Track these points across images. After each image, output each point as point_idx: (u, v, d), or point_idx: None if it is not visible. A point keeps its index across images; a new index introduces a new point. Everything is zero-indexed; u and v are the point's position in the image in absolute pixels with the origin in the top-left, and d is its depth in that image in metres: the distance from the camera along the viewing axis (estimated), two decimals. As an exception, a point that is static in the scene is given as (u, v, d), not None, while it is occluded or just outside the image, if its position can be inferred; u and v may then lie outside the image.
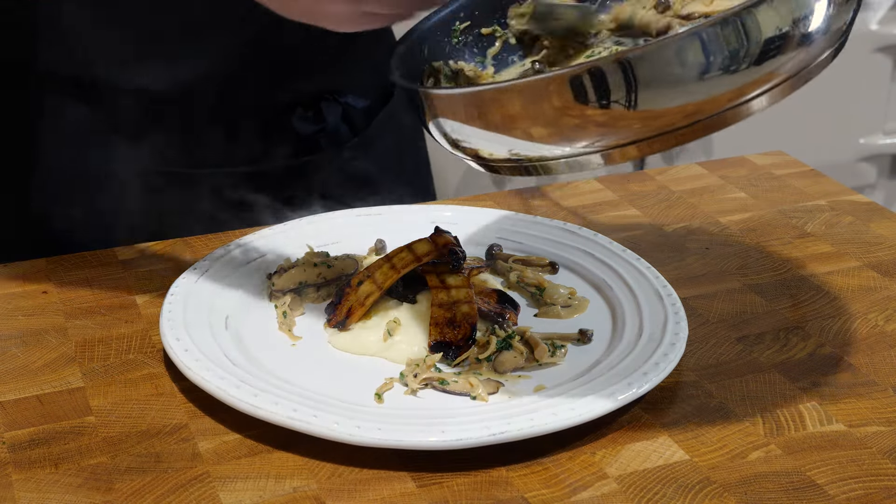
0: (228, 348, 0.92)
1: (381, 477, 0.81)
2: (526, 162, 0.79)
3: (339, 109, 1.24)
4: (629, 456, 0.83)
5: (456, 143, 0.80)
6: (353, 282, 0.98)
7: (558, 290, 1.02)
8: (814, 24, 0.74)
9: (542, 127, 0.75)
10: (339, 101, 1.24)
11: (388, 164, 1.31)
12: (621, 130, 0.74)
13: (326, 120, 1.23)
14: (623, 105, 0.72)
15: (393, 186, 1.29)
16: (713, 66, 0.71)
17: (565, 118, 0.73)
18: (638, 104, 0.72)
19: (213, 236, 1.14)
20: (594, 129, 0.74)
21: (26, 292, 1.04)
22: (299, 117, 1.22)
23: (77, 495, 0.79)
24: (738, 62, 0.72)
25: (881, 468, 0.82)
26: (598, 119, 0.73)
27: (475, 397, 0.88)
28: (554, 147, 0.76)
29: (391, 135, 1.31)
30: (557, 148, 0.76)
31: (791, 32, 0.73)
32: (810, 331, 0.99)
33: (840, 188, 1.25)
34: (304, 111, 1.22)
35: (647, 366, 0.89)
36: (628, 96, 0.72)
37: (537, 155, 0.78)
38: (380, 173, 1.29)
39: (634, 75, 0.71)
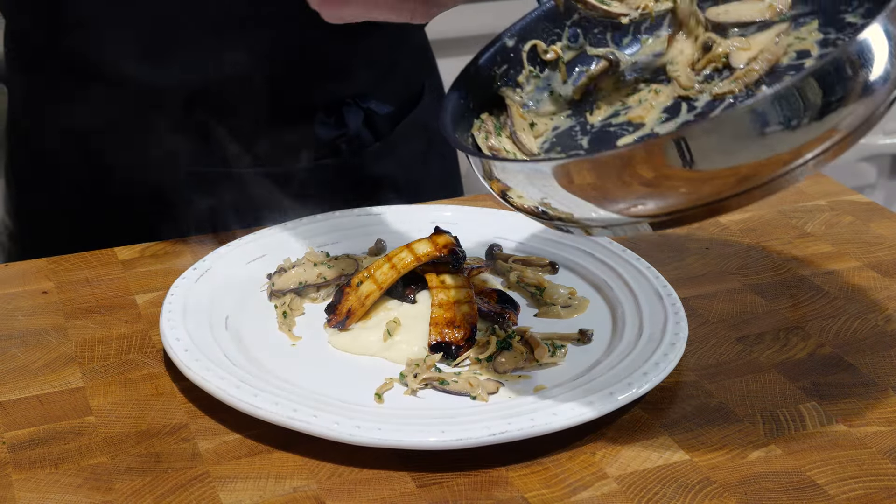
0: (228, 348, 0.92)
1: (381, 477, 0.81)
2: (578, 223, 0.80)
3: (361, 115, 1.23)
4: (629, 456, 0.83)
5: (509, 201, 0.82)
6: (353, 282, 0.98)
7: (558, 290, 1.02)
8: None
9: (598, 195, 0.76)
10: (362, 107, 1.24)
11: (413, 168, 1.31)
12: (679, 197, 0.75)
13: (348, 125, 1.23)
14: (686, 169, 0.73)
15: (419, 191, 1.29)
16: (774, 132, 0.72)
17: (636, 188, 0.74)
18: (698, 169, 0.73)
19: (213, 236, 1.14)
20: (660, 196, 0.75)
21: (26, 292, 1.04)
22: (320, 122, 1.22)
23: (77, 495, 0.79)
24: (799, 122, 0.72)
25: (881, 468, 0.82)
26: (669, 184, 0.74)
27: (475, 397, 0.88)
28: (612, 214, 0.77)
29: (418, 140, 1.31)
30: (615, 215, 0.77)
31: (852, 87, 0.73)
32: (810, 331, 0.99)
33: (840, 188, 1.25)
34: (325, 116, 1.22)
35: (647, 366, 0.89)
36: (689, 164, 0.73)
37: (589, 217, 0.79)
38: (405, 178, 1.29)
39: (692, 148, 0.72)
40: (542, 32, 0.94)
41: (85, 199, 1.22)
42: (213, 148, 1.19)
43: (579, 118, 0.92)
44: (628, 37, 0.96)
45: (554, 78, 0.95)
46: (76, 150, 1.20)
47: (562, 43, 0.95)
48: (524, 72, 0.94)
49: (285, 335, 0.97)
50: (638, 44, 0.95)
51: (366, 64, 1.22)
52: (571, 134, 0.90)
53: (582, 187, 0.76)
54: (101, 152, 1.19)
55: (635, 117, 0.88)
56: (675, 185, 0.74)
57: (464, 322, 0.94)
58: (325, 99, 1.21)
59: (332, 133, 1.22)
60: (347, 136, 1.23)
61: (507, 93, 0.92)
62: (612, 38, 0.96)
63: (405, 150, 1.29)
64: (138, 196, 1.19)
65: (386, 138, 1.26)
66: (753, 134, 0.71)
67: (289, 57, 1.17)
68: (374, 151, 1.25)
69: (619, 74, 0.94)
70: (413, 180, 1.30)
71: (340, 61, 1.20)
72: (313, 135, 1.21)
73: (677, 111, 0.87)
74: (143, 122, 1.17)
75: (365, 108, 1.23)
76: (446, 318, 0.95)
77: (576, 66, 0.95)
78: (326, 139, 1.22)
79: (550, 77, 0.95)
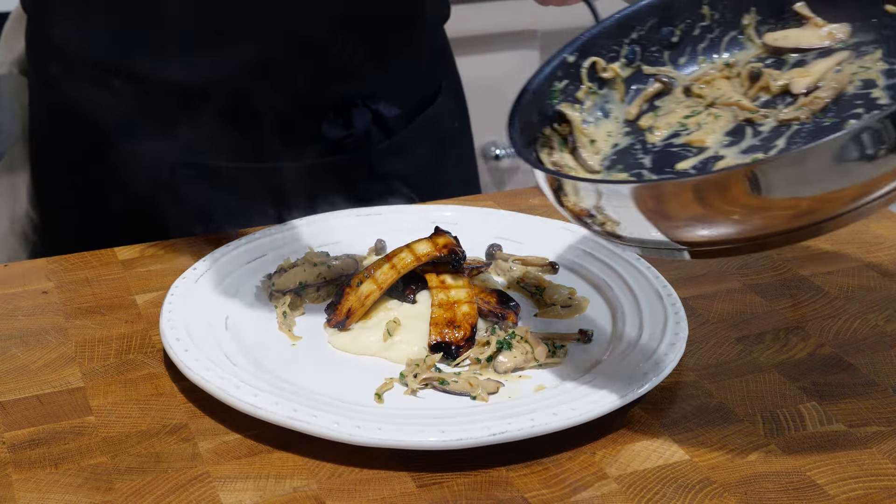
0: (228, 348, 0.92)
1: (381, 477, 0.81)
2: (647, 245, 0.81)
3: (369, 116, 1.24)
4: (629, 456, 0.83)
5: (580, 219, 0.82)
6: (353, 282, 0.98)
7: (558, 290, 1.02)
8: None
9: (668, 220, 0.76)
10: (370, 108, 1.24)
11: (426, 167, 1.31)
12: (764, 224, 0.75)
13: (355, 126, 1.23)
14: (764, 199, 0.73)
15: (432, 190, 1.29)
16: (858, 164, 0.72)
17: (712, 213, 0.75)
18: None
19: (213, 236, 1.14)
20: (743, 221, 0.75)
21: (26, 292, 1.04)
22: (328, 122, 1.22)
23: (77, 495, 0.79)
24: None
25: (881, 468, 0.82)
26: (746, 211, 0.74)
27: (475, 397, 0.88)
28: (692, 235, 0.77)
29: (431, 139, 1.31)
30: (695, 236, 0.78)
31: None
32: (810, 331, 0.99)
33: (840, 188, 1.25)
34: (334, 116, 1.22)
35: (647, 366, 0.89)
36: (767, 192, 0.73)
37: (661, 239, 0.79)
38: (417, 176, 1.29)
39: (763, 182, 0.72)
40: (602, 49, 0.95)
41: (100, 194, 1.22)
42: (223, 144, 1.19)
43: (638, 136, 0.93)
44: (685, 56, 0.97)
45: (611, 96, 0.96)
46: (92, 144, 1.20)
47: (619, 62, 0.96)
48: (583, 88, 0.95)
49: (285, 335, 0.97)
50: (695, 64, 0.96)
51: (378, 65, 1.23)
52: (632, 152, 0.92)
53: (659, 209, 0.76)
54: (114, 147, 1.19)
55: (696, 140, 0.89)
56: (757, 212, 0.74)
57: (464, 322, 0.94)
58: (334, 99, 1.22)
59: (339, 133, 1.22)
60: (354, 136, 1.23)
61: (567, 109, 0.93)
62: (669, 56, 0.97)
63: (417, 149, 1.29)
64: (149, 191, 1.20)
65: (397, 136, 1.26)
66: (852, 161, 0.71)
67: (299, 57, 1.17)
68: (384, 149, 1.25)
69: (675, 95, 0.95)
70: (426, 179, 1.30)
71: (351, 63, 1.20)
72: (321, 133, 1.22)
73: (741, 135, 0.88)
74: (154, 117, 1.17)
75: (373, 110, 1.23)
76: (446, 318, 0.95)
77: (632, 85, 0.96)
78: (334, 139, 1.22)
79: (608, 95, 0.96)
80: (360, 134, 1.23)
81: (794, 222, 0.75)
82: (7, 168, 1.31)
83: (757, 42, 0.95)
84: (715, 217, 0.74)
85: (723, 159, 0.87)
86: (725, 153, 0.87)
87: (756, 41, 0.95)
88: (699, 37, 0.96)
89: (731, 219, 0.74)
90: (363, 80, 1.22)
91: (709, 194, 0.73)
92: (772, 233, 0.75)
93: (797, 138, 0.86)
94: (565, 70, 0.93)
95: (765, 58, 0.94)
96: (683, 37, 0.96)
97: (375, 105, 1.23)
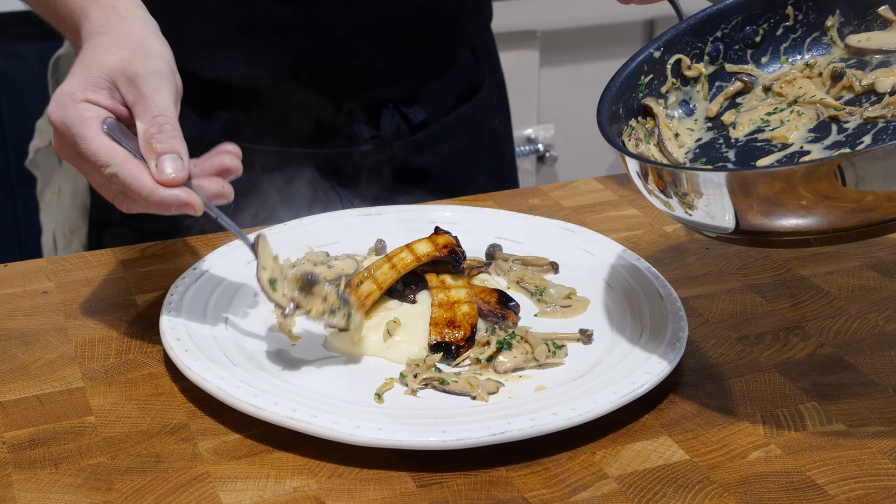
0: (228, 348, 0.92)
1: (381, 477, 0.81)
2: (739, 235, 0.82)
3: (398, 119, 1.25)
4: (629, 456, 0.83)
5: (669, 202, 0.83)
6: (353, 282, 0.98)
7: (558, 290, 1.02)
8: None
9: (769, 208, 0.77)
10: (401, 111, 1.25)
11: (459, 161, 1.32)
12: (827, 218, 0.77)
13: (382, 128, 1.25)
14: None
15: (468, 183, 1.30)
16: None
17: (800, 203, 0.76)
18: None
19: (213, 236, 1.14)
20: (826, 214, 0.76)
21: (26, 292, 1.04)
22: (358, 121, 1.24)
23: (77, 495, 0.79)
24: None
25: (881, 468, 0.82)
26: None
27: (475, 397, 0.88)
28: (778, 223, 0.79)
29: (466, 133, 1.32)
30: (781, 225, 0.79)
31: None
32: (810, 331, 0.99)
33: (840, 188, 1.25)
34: (365, 116, 1.24)
35: (647, 366, 0.89)
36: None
37: (756, 228, 0.80)
38: (449, 169, 1.30)
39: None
40: (686, 45, 0.97)
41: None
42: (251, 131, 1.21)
43: (721, 132, 0.95)
44: (767, 56, 0.98)
45: (694, 93, 0.98)
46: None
47: (704, 60, 0.98)
48: (667, 83, 0.97)
49: (285, 335, 0.97)
50: (777, 63, 0.98)
51: (415, 74, 1.24)
52: (715, 146, 0.93)
53: (756, 198, 0.77)
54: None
55: (779, 136, 0.91)
56: (837, 205, 0.75)
57: (464, 322, 0.94)
58: (366, 102, 1.23)
59: (368, 132, 1.24)
60: (381, 137, 1.25)
61: (652, 103, 0.95)
62: (751, 55, 0.98)
63: (451, 142, 1.30)
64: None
65: (429, 129, 1.27)
66: None
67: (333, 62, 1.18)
68: (416, 141, 1.26)
69: (756, 93, 0.97)
70: (460, 172, 1.31)
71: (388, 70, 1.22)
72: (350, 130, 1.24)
73: (825, 131, 0.90)
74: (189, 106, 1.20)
75: (403, 113, 1.25)
76: (446, 318, 0.95)
77: (715, 82, 0.98)
78: (362, 138, 1.24)
79: (691, 91, 0.98)
80: (389, 134, 1.25)
81: (878, 216, 0.76)
82: None
83: (839, 44, 0.96)
84: (810, 207, 0.76)
85: (807, 154, 0.88)
86: (810, 148, 0.89)
87: (839, 43, 0.96)
88: (782, 37, 0.98)
89: (819, 210, 0.76)
90: (399, 86, 1.23)
91: (800, 185, 0.74)
92: (851, 226, 0.77)
93: (883, 135, 0.87)
94: (651, 65, 0.95)
95: (847, 59, 0.95)
96: (766, 36, 0.98)
97: (406, 109, 1.25)
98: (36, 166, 1.36)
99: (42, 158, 1.35)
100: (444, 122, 1.28)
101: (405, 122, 1.26)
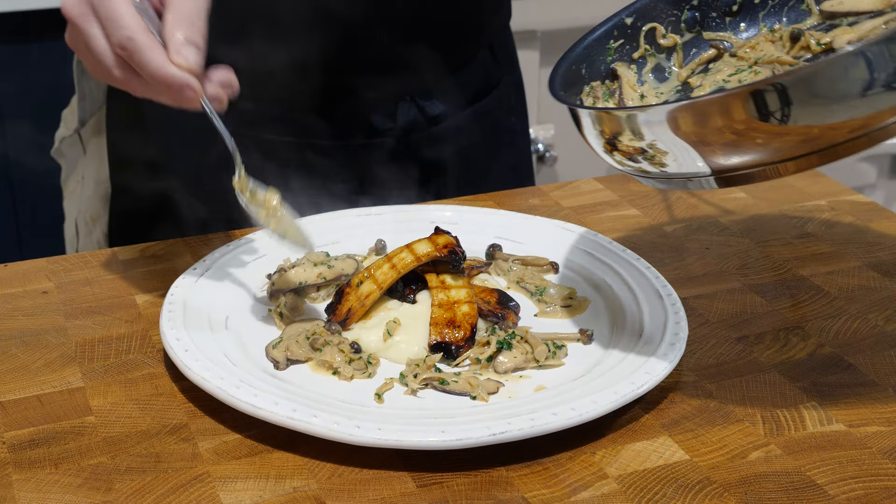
0: (228, 348, 0.92)
1: (381, 477, 0.81)
2: (650, 166, 0.82)
3: (414, 111, 1.26)
4: (629, 456, 0.83)
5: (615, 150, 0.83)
6: (353, 282, 0.98)
7: (558, 290, 1.02)
8: None
9: (707, 143, 0.78)
10: (417, 104, 1.25)
11: (475, 156, 1.32)
12: (781, 147, 0.76)
13: (398, 121, 1.25)
14: (781, 121, 0.74)
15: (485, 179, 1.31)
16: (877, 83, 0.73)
17: (727, 135, 0.76)
18: (795, 121, 0.74)
19: (213, 236, 1.14)
20: (757, 145, 0.77)
21: (26, 292, 1.04)
22: (375, 112, 1.24)
23: (77, 495, 0.79)
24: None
25: (881, 468, 0.82)
26: (758, 137, 0.76)
27: (475, 397, 0.88)
28: (692, 158, 0.79)
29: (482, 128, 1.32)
30: (694, 161, 0.79)
31: None
32: (810, 331, 0.99)
33: (840, 188, 1.25)
34: (381, 107, 1.24)
35: (647, 366, 0.89)
36: (786, 113, 0.74)
37: (663, 163, 0.81)
38: (465, 165, 1.31)
39: (791, 95, 0.73)
40: (661, 13, 0.97)
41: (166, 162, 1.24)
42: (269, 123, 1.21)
43: (687, 92, 0.95)
44: (745, 23, 0.98)
45: (667, 60, 0.97)
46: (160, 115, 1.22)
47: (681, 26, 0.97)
48: (640, 50, 0.96)
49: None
50: (755, 30, 0.98)
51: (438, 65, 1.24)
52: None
53: (685, 132, 0.77)
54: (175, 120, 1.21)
55: None
56: (761, 136, 0.75)
57: (464, 322, 0.94)
58: (384, 93, 1.23)
59: (385, 124, 1.25)
60: (397, 129, 1.25)
61: (621, 67, 0.95)
62: (729, 23, 0.98)
63: (465, 138, 1.30)
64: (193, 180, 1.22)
65: (444, 124, 1.27)
66: (852, 83, 0.73)
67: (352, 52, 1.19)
68: (431, 135, 1.26)
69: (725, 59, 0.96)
70: (476, 167, 1.31)
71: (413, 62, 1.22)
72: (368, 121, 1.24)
73: None
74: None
75: (420, 105, 1.26)
76: (446, 318, 0.95)
77: (692, 49, 0.97)
78: (380, 129, 1.25)
79: (666, 59, 0.97)
80: (403, 127, 1.25)
81: (806, 146, 0.76)
82: (95, 131, 1.35)
83: (815, 10, 0.96)
84: (737, 141, 0.76)
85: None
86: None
87: (814, 9, 0.96)
88: (760, 4, 0.98)
89: (751, 140, 0.76)
90: (416, 79, 1.24)
91: (728, 113, 0.75)
92: (788, 157, 0.77)
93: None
94: (621, 30, 0.95)
95: (820, 24, 0.95)
96: (745, 4, 0.98)
97: (423, 102, 1.25)
98: (61, 155, 1.38)
99: (67, 148, 1.36)
100: (459, 117, 1.28)
101: (422, 115, 1.26)
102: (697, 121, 0.76)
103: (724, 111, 0.75)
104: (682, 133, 0.77)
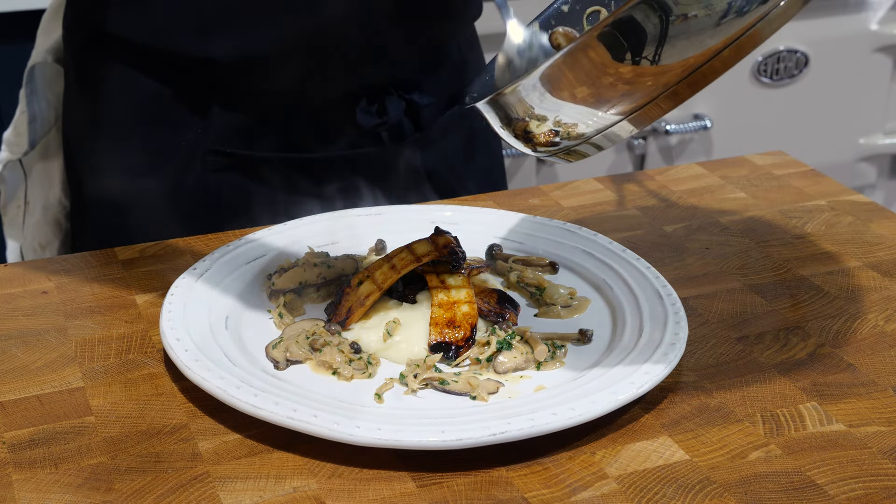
0: (228, 348, 0.92)
1: (381, 477, 0.81)
2: (568, 141, 0.82)
3: (403, 105, 1.25)
4: (629, 456, 0.83)
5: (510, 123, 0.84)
6: (353, 282, 0.98)
7: (558, 290, 1.02)
8: None
9: (581, 90, 0.79)
10: (404, 97, 1.25)
11: (455, 160, 1.32)
12: (647, 86, 0.77)
13: (388, 114, 1.24)
14: (649, 57, 0.76)
15: (461, 183, 1.30)
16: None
17: (601, 78, 0.77)
18: (661, 56, 0.76)
19: (213, 236, 1.14)
20: (624, 86, 0.78)
21: (26, 292, 1.04)
22: (362, 109, 1.23)
23: (77, 495, 0.79)
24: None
25: (881, 468, 0.82)
26: (627, 74, 0.77)
27: (475, 397, 0.88)
28: (593, 114, 0.80)
29: (461, 132, 1.32)
30: (596, 115, 0.80)
31: None
32: (810, 331, 0.99)
33: (840, 188, 1.25)
34: (367, 104, 1.23)
35: (647, 366, 0.89)
36: (655, 49, 0.75)
37: (578, 132, 0.81)
38: (446, 169, 1.30)
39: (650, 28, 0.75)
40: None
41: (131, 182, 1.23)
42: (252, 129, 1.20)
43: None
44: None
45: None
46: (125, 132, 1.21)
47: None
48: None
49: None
50: None
51: (412, 53, 1.23)
52: None
53: (565, 90, 0.79)
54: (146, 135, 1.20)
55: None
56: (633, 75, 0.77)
57: (464, 322, 0.94)
58: (367, 84, 1.22)
59: (372, 121, 1.23)
60: (388, 124, 1.24)
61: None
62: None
63: (445, 144, 1.30)
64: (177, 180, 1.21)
65: (428, 129, 1.27)
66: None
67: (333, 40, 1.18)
68: (414, 141, 1.26)
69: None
70: (455, 172, 1.31)
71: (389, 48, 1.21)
72: (354, 121, 1.23)
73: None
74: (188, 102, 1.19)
75: (407, 99, 1.24)
76: (446, 318, 0.95)
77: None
78: (367, 127, 1.23)
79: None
80: (394, 122, 1.24)
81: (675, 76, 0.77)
82: (41, 155, 1.33)
83: None
84: (614, 83, 0.77)
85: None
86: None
87: None
88: None
89: (629, 78, 0.77)
90: (396, 67, 1.23)
91: (591, 60, 0.76)
92: (673, 81, 0.78)
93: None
94: (559, 19, 0.95)
95: None
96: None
97: (409, 95, 1.24)
98: (2, 180, 1.34)
99: (8, 172, 1.33)
100: (439, 121, 1.28)
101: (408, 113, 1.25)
102: (571, 75, 0.77)
103: (589, 57, 0.76)
104: (564, 94, 0.78)
